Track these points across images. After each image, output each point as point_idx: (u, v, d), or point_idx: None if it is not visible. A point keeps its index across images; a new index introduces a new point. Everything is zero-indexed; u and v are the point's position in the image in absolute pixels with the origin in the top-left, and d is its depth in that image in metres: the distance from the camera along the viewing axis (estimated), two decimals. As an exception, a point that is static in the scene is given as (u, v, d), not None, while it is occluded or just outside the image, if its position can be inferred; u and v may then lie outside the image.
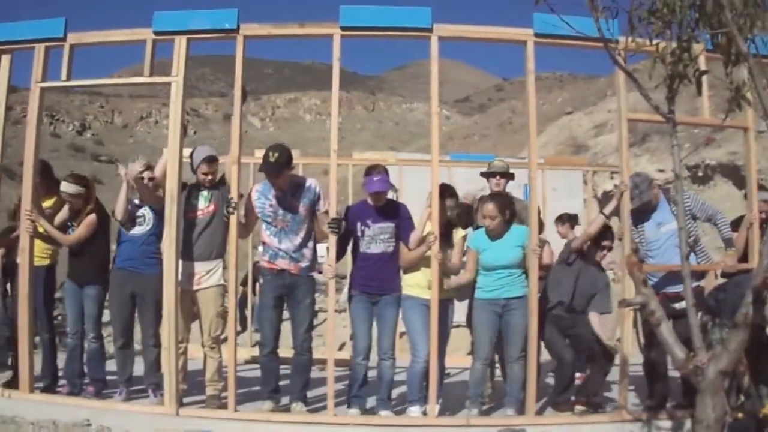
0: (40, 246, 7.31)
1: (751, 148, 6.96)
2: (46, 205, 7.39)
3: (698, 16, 4.63)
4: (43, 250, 7.44)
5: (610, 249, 7.34)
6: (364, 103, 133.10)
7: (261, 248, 7.22)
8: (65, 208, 7.43)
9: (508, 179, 7.52)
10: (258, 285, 10.05)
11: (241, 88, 6.67)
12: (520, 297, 6.71)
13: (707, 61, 5.77)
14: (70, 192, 7.24)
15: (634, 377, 6.92)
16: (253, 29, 6.73)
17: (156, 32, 6.69)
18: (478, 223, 7.12)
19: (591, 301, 7.22)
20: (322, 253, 9.75)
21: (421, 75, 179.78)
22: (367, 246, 6.76)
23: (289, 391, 6.84)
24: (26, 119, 6.98)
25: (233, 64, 6.83)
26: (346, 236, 6.82)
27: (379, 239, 6.74)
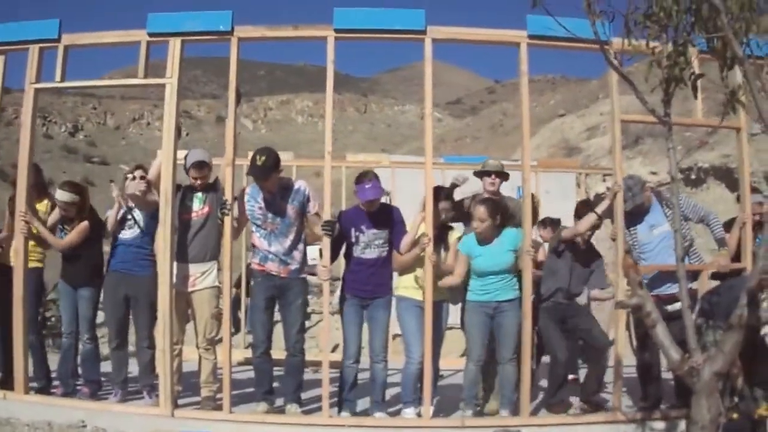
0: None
1: (744, 148, 6.99)
2: (38, 208, 7.37)
3: (694, 21, 4.64)
4: (30, 253, 7.41)
5: (598, 227, 7.36)
6: (356, 105, 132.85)
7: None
8: (56, 211, 7.42)
9: (503, 179, 7.43)
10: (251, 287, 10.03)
11: (236, 90, 6.67)
12: (511, 300, 6.72)
13: (700, 62, 5.80)
14: (64, 200, 7.22)
15: (626, 379, 6.94)
16: (247, 31, 6.73)
17: (150, 34, 6.68)
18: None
19: (589, 280, 7.31)
20: (313, 255, 9.75)
21: (413, 77, 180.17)
22: (361, 252, 6.75)
23: (283, 393, 6.84)
24: (18, 121, 6.98)
25: (226, 66, 6.84)
26: (339, 240, 6.79)
27: (373, 245, 6.73)
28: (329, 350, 6.92)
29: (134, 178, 7.08)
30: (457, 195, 7.31)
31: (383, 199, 7.22)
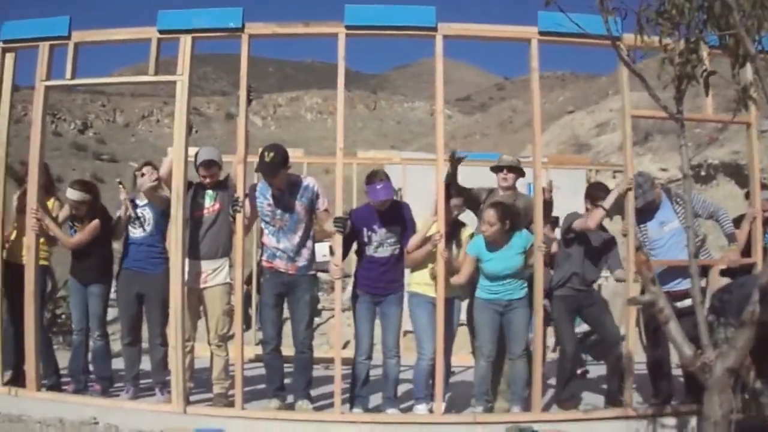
0: None
1: (754, 144, 6.97)
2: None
3: (706, 18, 4.64)
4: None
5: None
6: (365, 102, 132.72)
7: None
8: (65, 208, 7.43)
9: (517, 175, 7.31)
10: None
11: (247, 87, 6.68)
12: (521, 298, 6.72)
13: (711, 58, 5.78)
14: (75, 199, 7.23)
15: (637, 375, 6.92)
16: (258, 28, 6.73)
17: (161, 31, 6.69)
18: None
19: (607, 262, 7.30)
20: (324, 252, 9.75)
21: (423, 74, 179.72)
22: (374, 250, 6.75)
23: (292, 390, 6.86)
24: (27, 118, 7.00)
25: (235, 63, 6.84)
26: (351, 238, 6.79)
27: (386, 244, 6.73)
28: (341, 347, 6.93)
29: (143, 174, 7.09)
30: (468, 183, 7.22)
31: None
